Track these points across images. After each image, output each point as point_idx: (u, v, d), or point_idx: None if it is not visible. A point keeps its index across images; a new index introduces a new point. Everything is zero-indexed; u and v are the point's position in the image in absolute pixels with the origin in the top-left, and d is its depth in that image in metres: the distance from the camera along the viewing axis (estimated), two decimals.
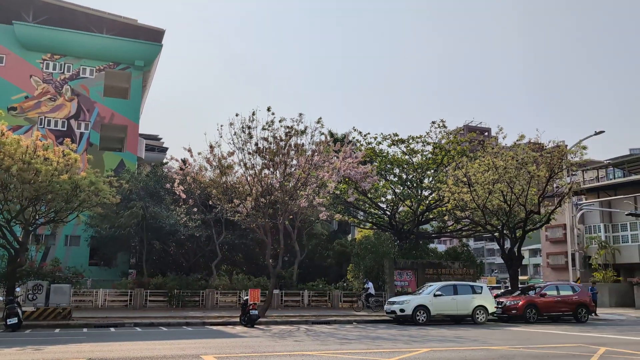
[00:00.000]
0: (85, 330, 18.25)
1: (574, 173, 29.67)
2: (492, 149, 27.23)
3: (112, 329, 18.59)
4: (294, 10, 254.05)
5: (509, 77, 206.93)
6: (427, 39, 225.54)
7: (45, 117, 39.38)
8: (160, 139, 56.62)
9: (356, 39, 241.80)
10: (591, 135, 28.20)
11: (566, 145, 26.77)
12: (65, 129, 39.49)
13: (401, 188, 32.09)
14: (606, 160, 47.52)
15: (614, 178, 43.89)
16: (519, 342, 14.34)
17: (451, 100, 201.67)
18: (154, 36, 42.70)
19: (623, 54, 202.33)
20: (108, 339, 14.85)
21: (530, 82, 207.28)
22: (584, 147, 25.81)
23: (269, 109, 21.69)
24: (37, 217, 23.58)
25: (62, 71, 40.40)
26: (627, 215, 35.93)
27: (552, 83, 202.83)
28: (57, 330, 18.01)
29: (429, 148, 32.03)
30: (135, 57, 41.65)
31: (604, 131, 28.58)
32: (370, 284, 28.72)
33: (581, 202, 37.71)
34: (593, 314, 25.28)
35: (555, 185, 28.84)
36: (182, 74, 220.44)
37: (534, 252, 77.94)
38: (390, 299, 23.39)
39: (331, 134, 38.20)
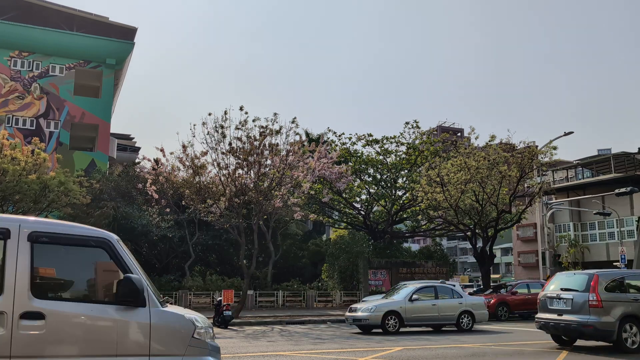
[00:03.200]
0: None
1: (544, 173, 30.17)
2: (465, 149, 27.57)
3: None
4: (270, 6, 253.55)
5: (481, 77, 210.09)
6: (398, 39, 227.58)
7: (12, 116, 38.46)
8: (133, 138, 55.72)
9: (331, 37, 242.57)
10: (561, 136, 28.73)
11: (536, 146, 27.25)
12: (34, 128, 38.62)
13: (375, 188, 32.31)
14: (575, 161, 48.45)
15: (583, 178, 44.79)
16: (491, 340, 14.52)
17: (424, 100, 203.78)
18: (126, 34, 42.10)
19: (591, 55, 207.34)
20: None
21: (501, 83, 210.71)
22: (554, 148, 26.27)
23: (241, 108, 21.58)
24: None
25: (30, 69, 39.52)
26: (595, 214, 36.74)
27: (521, 85, 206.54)
28: None
29: (403, 148, 32.36)
30: (107, 55, 41.00)
31: (573, 132, 29.17)
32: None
33: (551, 201, 38.31)
34: None
35: (526, 185, 29.35)
36: (155, 73, 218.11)
37: (506, 251, 79.20)
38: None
39: (307, 134, 38.24)
